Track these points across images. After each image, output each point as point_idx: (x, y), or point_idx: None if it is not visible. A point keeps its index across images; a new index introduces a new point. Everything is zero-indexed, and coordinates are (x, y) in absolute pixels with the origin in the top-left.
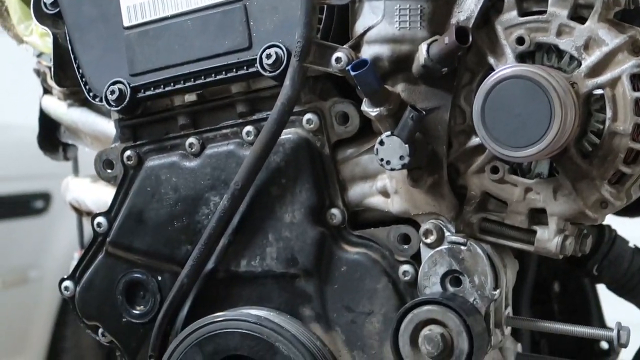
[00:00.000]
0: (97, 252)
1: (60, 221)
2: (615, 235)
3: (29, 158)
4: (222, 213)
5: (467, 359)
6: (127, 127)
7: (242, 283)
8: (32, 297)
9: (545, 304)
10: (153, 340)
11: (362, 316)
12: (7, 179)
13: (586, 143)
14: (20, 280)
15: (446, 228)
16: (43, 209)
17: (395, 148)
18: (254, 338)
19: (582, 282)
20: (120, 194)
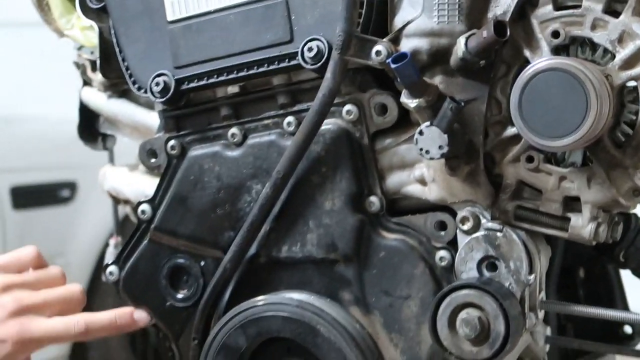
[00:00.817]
0: (141, 238)
1: (85, 210)
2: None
3: (56, 149)
4: (264, 201)
5: (503, 341)
6: (171, 117)
7: (283, 268)
8: None
9: (570, 290)
10: (196, 324)
11: (399, 300)
12: (35, 168)
13: (619, 133)
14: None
15: (482, 215)
16: (69, 198)
17: (434, 138)
18: (296, 321)
19: (606, 269)
20: (164, 183)
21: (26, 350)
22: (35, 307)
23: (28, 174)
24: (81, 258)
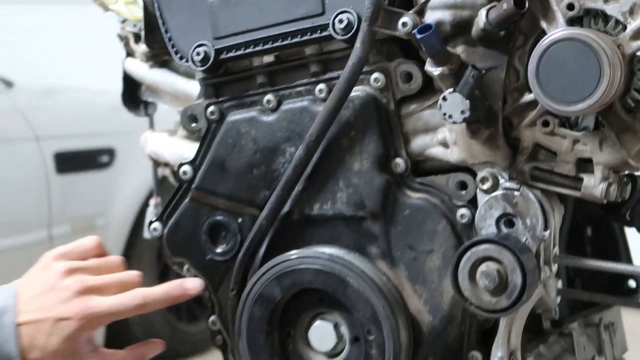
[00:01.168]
0: (182, 197)
1: (123, 174)
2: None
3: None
4: (297, 162)
5: (520, 292)
6: (211, 85)
7: (314, 224)
8: None
9: (578, 247)
10: (234, 276)
11: (423, 254)
12: (76, 136)
13: (629, 99)
14: (88, 227)
15: (501, 176)
16: (108, 163)
17: (457, 103)
18: (327, 273)
19: (612, 227)
20: (204, 145)
21: (90, 327)
22: (97, 288)
23: (70, 141)
24: (119, 218)
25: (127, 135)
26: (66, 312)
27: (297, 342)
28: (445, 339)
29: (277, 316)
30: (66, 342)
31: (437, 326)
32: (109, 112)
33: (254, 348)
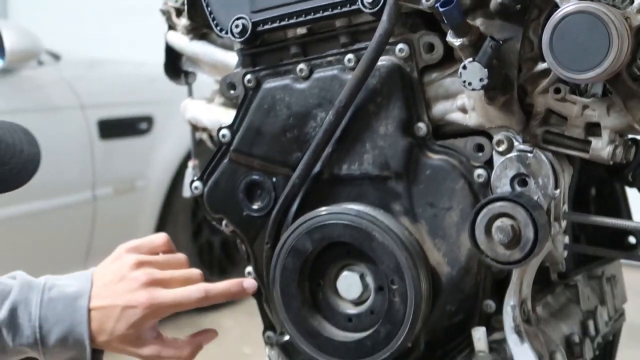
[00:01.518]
0: (221, 159)
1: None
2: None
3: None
4: (327, 126)
5: (532, 246)
6: (248, 55)
7: (343, 183)
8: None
9: (583, 206)
10: (269, 230)
11: (442, 211)
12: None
13: (635, 68)
14: (129, 189)
15: (515, 139)
16: (147, 130)
17: (476, 72)
18: (354, 228)
19: (614, 188)
20: (242, 111)
21: (154, 316)
22: (163, 281)
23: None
24: (157, 180)
25: (164, 104)
26: (133, 300)
27: (326, 291)
28: (462, 289)
29: (308, 267)
30: (132, 328)
31: (454, 277)
32: (147, 82)
33: (287, 296)
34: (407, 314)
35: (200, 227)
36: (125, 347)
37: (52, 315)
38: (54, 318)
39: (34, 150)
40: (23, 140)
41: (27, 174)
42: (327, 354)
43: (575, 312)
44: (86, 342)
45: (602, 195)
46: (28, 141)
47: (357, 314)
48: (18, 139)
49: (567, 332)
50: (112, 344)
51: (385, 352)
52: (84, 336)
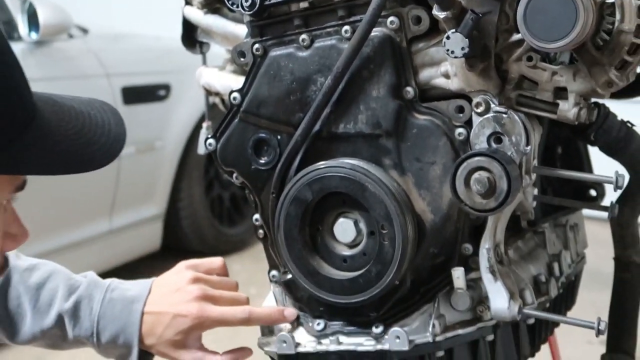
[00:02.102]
0: (232, 118)
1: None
2: (609, 111)
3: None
4: (326, 90)
5: (505, 196)
6: (256, 26)
7: (339, 141)
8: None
9: (550, 162)
10: (274, 182)
11: (427, 165)
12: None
13: (599, 39)
14: (149, 148)
15: (492, 101)
16: (165, 96)
17: (458, 41)
18: (350, 179)
19: (578, 147)
20: (250, 76)
21: (201, 327)
22: (214, 298)
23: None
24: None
25: (180, 73)
26: (185, 310)
27: (325, 236)
28: (443, 234)
29: (308, 214)
30: (179, 335)
31: (437, 223)
32: (165, 54)
33: (289, 240)
34: (395, 256)
35: (211, 182)
36: (169, 351)
37: (110, 314)
38: (111, 316)
39: (120, 130)
40: (111, 119)
41: (113, 153)
42: (324, 290)
43: (542, 255)
44: (135, 341)
45: (567, 153)
46: (115, 121)
47: (351, 255)
48: (107, 119)
49: (535, 272)
50: (158, 347)
51: (376, 289)
52: (134, 336)
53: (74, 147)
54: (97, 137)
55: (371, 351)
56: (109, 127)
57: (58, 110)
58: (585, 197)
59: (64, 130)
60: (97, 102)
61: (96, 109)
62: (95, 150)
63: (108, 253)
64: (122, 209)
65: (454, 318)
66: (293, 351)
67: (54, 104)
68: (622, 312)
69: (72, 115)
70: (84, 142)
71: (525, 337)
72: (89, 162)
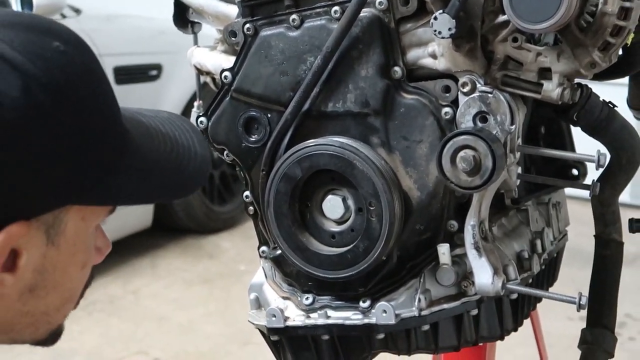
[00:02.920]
0: (223, 97)
1: (168, 85)
2: (591, 91)
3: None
4: (316, 69)
5: (490, 173)
6: (247, 7)
7: (328, 119)
8: None
9: (534, 142)
10: (264, 159)
11: (414, 143)
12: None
13: (582, 21)
14: None
15: (478, 81)
16: (156, 76)
17: (445, 22)
18: (338, 157)
19: (561, 127)
20: (241, 55)
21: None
22: None
23: (126, 57)
24: None
25: (171, 54)
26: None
27: (313, 212)
28: (430, 211)
29: (297, 191)
30: None
31: (423, 200)
32: (156, 35)
33: (279, 216)
34: (382, 232)
35: None
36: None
37: None
38: None
39: (204, 152)
40: (195, 140)
41: (201, 179)
42: (313, 265)
43: (525, 232)
44: None
45: (550, 133)
46: (199, 141)
47: (339, 231)
48: (191, 139)
49: (518, 249)
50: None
51: (364, 264)
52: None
53: (166, 175)
54: (185, 161)
55: (358, 325)
56: (195, 149)
57: (146, 133)
58: (568, 176)
59: (155, 157)
60: (176, 118)
61: (179, 129)
62: (186, 178)
63: None
64: None
65: (439, 293)
66: (282, 325)
67: (140, 125)
68: (602, 288)
69: (161, 139)
70: (174, 169)
71: (509, 311)
72: (181, 190)
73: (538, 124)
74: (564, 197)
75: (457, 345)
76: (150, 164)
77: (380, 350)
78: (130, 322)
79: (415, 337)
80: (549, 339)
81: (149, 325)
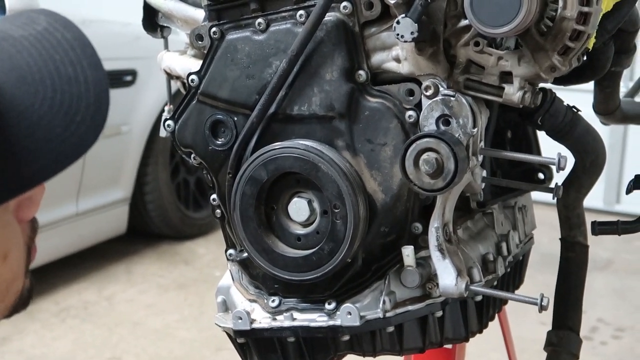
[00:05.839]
0: (190, 100)
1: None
2: (555, 96)
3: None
4: (281, 72)
5: (452, 176)
6: (214, 10)
7: (294, 122)
8: (124, 144)
9: (500, 146)
10: (231, 162)
11: (378, 146)
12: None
13: (542, 25)
14: (115, 133)
15: (440, 85)
16: (131, 82)
17: (407, 26)
18: (303, 160)
19: (527, 131)
20: (208, 59)
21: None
22: None
23: None
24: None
25: (146, 60)
26: None
27: (279, 215)
28: (394, 213)
29: (263, 194)
30: None
31: (388, 202)
32: (131, 40)
33: (245, 219)
34: (347, 234)
35: (177, 167)
36: None
37: None
38: None
39: (98, 76)
40: (83, 61)
41: (99, 121)
42: (279, 267)
43: (490, 235)
44: None
45: (516, 137)
46: (89, 62)
47: (305, 234)
48: (77, 60)
49: (483, 251)
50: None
51: (329, 266)
52: None
53: (52, 132)
54: (74, 101)
55: (324, 327)
56: (85, 76)
57: (19, 76)
58: (534, 180)
59: (36, 112)
60: (52, 30)
61: (59, 49)
62: (78, 125)
63: (75, 236)
64: (88, 193)
65: (404, 295)
66: (248, 327)
67: (12, 66)
68: (567, 290)
69: (37, 79)
70: (61, 121)
71: (473, 313)
72: (77, 147)
73: (504, 128)
74: (530, 201)
75: (422, 346)
76: (32, 127)
77: (345, 352)
78: (104, 328)
79: (380, 339)
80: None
81: (123, 331)
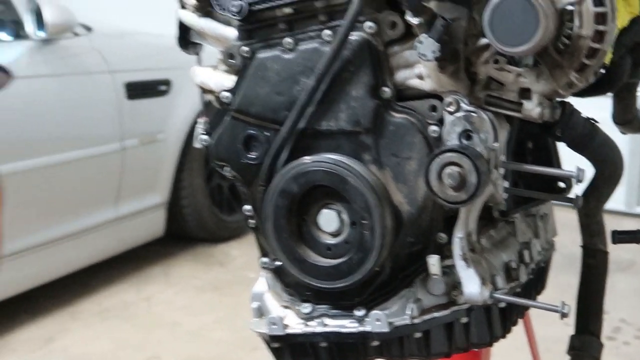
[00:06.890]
0: (224, 116)
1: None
2: (574, 109)
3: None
4: (309, 90)
5: (475, 189)
6: (244, 30)
7: (323, 137)
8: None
9: (521, 157)
10: (262, 175)
11: (403, 160)
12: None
13: (559, 43)
14: (151, 140)
15: (462, 101)
16: (166, 91)
17: (429, 45)
18: (333, 173)
19: (547, 142)
20: (240, 77)
21: None
22: None
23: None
24: (175, 134)
25: (180, 69)
26: None
27: (310, 226)
28: (419, 224)
29: (294, 206)
30: None
31: (413, 214)
32: (166, 51)
33: (278, 230)
34: (375, 244)
35: (212, 173)
36: None
37: None
38: None
39: None
40: None
41: None
42: (310, 276)
43: (513, 243)
44: None
45: (537, 148)
46: None
47: (334, 243)
48: None
49: (506, 259)
50: None
51: (358, 275)
52: None
53: None
54: None
55: (354, 332)
56: None
57: None
58: (554, 190)
59: None
60: None
61: None
62: None
63: (114, 239)
64: (127, 198)
65: (430, 302)
66: (282, 332)
67: None
68: (589, 295)
69: None
70: None
71: (497, 319)
72: None
73: (525, 139)
74: (551, 209)
75: (448, 351)
76: None
77: (375, 357)
78: (143, 328)
79: (409, 344)
80: (546, 344)
81: (161, 331)
